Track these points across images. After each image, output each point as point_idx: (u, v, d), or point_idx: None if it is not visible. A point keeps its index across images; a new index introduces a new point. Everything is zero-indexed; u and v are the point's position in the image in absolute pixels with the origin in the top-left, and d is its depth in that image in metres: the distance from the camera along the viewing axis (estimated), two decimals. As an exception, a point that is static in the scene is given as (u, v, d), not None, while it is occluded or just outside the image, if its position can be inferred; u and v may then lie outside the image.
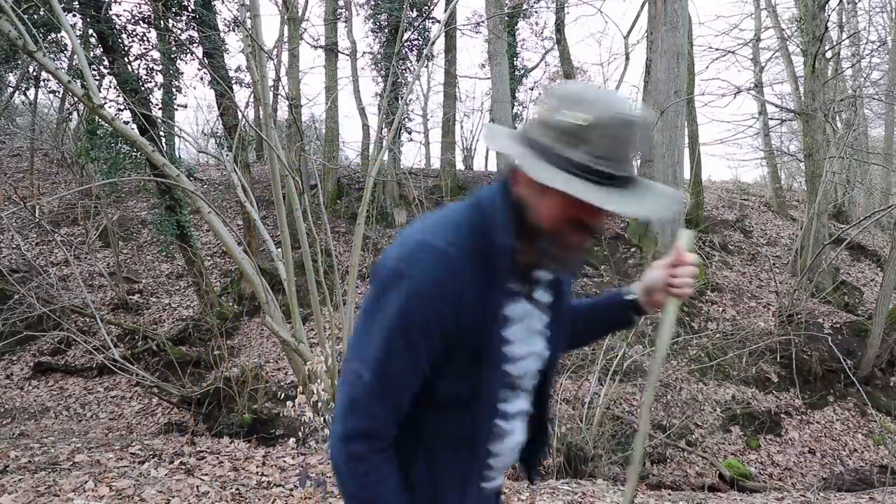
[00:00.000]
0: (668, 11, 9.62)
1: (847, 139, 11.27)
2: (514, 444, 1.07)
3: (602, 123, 0.80)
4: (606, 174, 0.81)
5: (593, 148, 0.81)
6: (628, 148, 0.83)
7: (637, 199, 0.84)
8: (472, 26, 13.51)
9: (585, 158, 0.81)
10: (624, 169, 0.83)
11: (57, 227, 10.40)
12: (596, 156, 0.81)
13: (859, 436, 6.50)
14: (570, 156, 0.82)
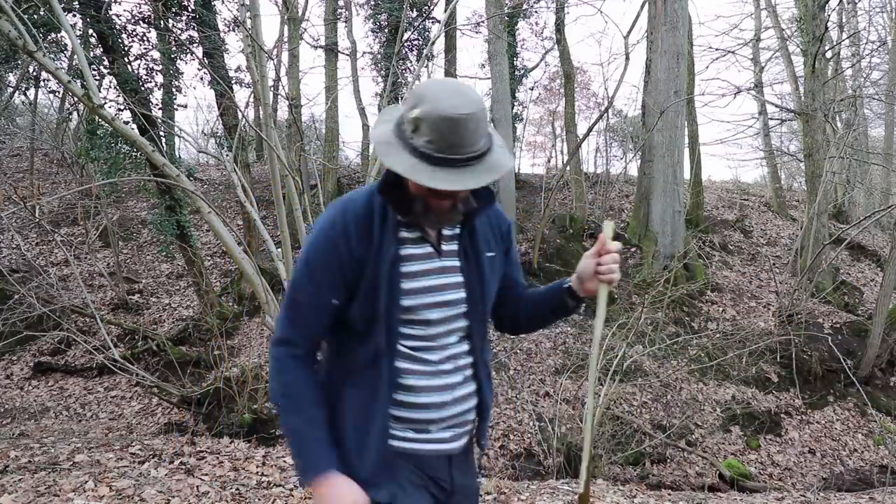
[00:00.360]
0: (668, 11, 9.61)
1: (847, 139, 11.27)
2: (450, 400, 1.23)
3: (429, 119, 1.04)
4: (438, 157, 1.05)
5: (426, 136, 1.05)
6: (455, 137, 1.04)
7: (461, 176, 1.06)
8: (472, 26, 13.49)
9: (422, 144, 1.06)
10: (457, 152, 1.05)
11: (57, 227, 10.40)
12: (428, 142, 1.05)
13: (859, 436, 6.50)
14: (414, 142, 1.07)
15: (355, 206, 1.19)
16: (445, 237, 1.25)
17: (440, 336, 1.23)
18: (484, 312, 1.29)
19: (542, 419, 6.06)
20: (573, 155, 11.18)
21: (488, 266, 1.29)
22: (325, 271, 1.17)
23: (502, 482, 4.08)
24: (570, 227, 11.16)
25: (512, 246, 1.42)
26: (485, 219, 1.33)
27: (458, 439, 1.28)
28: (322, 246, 1.18)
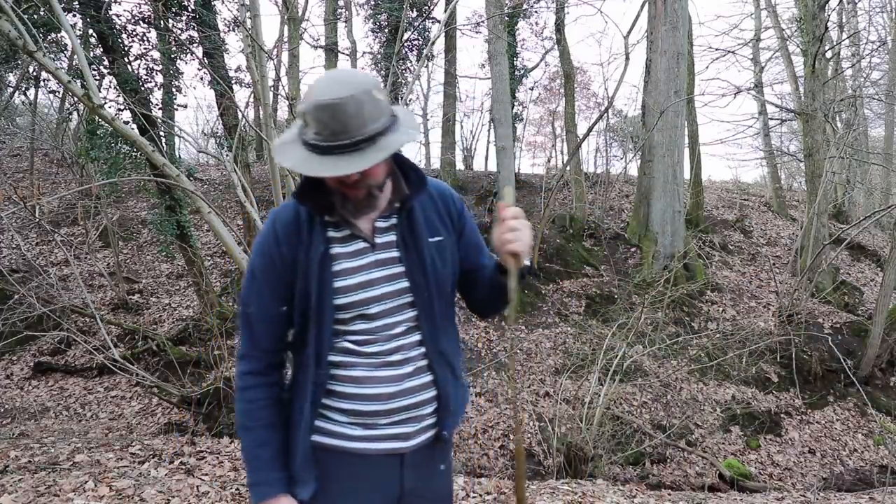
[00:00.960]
0: (668, 11, 9.62)
1: (847, 139, 11.28)
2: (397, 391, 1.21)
3: (309, 110, 1.06)
4: (325, 147, 1.06)
5: (313, 128, 1.07)
6: (337, 124, 1.04)
7: (346, 161, 1.05)
8: (472, 26, 13.50)
9: (311, 137, 1.08)
10: (341, 138, 1.05)
11: (57, 227, 10.40)
12: (316, 134, 1.07)
13: (859, 436, 6.50)
14: (305, 137, 1.09)
15: (284, 212, 1.22)
16: (380, 229, 1.24)
17: (385, 328, 1.21)
18: (432, 301, 1.25)
19: (542, 419, 6.06)
20: (573, 155, 11.18)
21: (434, 252, 1.26)
22: (266, 282, 1.20)
23: (502, 482, 4.08)
24: (570, 227, 11.15)
25: (467, 226, 1.37)
26: (429, 203, 1.30)
27: (411, 437, 1.24)
28: (259, 257, 1.21)
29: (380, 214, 1.24)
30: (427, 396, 1.25)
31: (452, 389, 1.29)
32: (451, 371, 1.30)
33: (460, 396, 1.34)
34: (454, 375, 1.31)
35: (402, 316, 1.23)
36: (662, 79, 9.71)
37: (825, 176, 9.23)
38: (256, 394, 1.22)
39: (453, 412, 1.30)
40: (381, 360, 1.21)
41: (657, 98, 9.71)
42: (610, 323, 6.82)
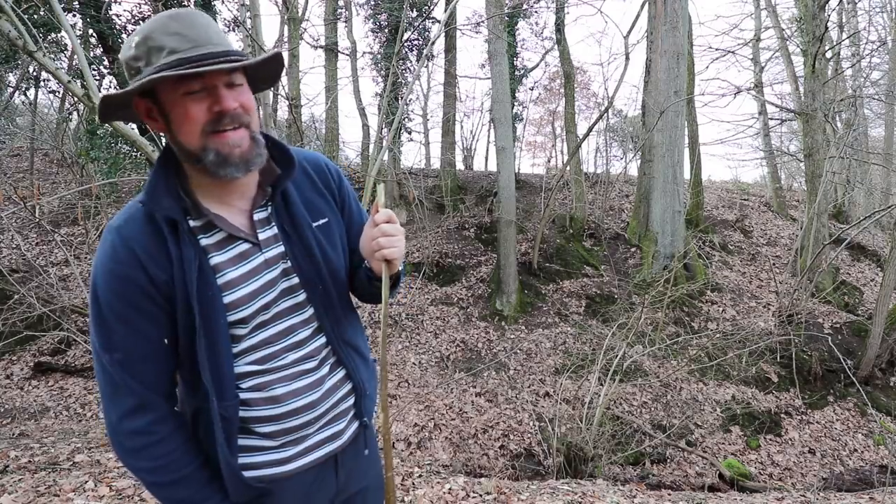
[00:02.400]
0: (668, 11, 9.62)
1: (847, 139, 11.27)
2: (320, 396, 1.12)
3: (155, 28, 0.90)
4: (188, 58, 0.88)
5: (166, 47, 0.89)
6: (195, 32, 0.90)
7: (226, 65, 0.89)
8: (472, 26, 13.52)
9: (162, 59, 0.89)
10: (207, 48, 0.90)
11: (57, 227, 10.40)
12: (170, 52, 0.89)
13: (859, 436, 6.50)
14: (152, 65, 0.89)
15: (134, 227, 0.96)
16: (260, 222, 1.06)
17: (287, 333, 1.08)
18: (329, 293, 1.11)
19: (542, 419, 6.06)
20: (573, 155, 11.18)
21: (320, 236, 1.11)
22: (130, 311, 0.95)
23: (502, 482, 4.08)
24: (570, 227, 11.16)
25: (349, 200, 1.20)
26: (305, 181, 1.13)
27: (342, 434, 1.18)
28: (113, 286, 0.94)
29: (254, 206, 1.05)
30: (346, 390, 1.18)
31: (365, 374, 1.22)
32: (359, 356, 1.21)
33: (372, 376, 1.26)
34: (362, 358, 1.22)
35: (302, 315, 1.10)
36: (662, 79, 9.71)
37: (825, 176, 9.23)
38: (172, 443, 1.00)
39: (370, 396, 1.24)
40: (295, 370, 1.08)
41: (657, 98, 9.71)
42: (610, 323, 6.82)
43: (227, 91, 0.92)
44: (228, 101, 0.92)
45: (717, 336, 7.78)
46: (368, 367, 1.25)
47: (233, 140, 0.93)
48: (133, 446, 0.98)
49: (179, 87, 0.90)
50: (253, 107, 0.96)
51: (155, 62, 0.89)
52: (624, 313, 7.35)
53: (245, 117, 0.94)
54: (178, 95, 0.91)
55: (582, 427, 5.14)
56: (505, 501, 3.54)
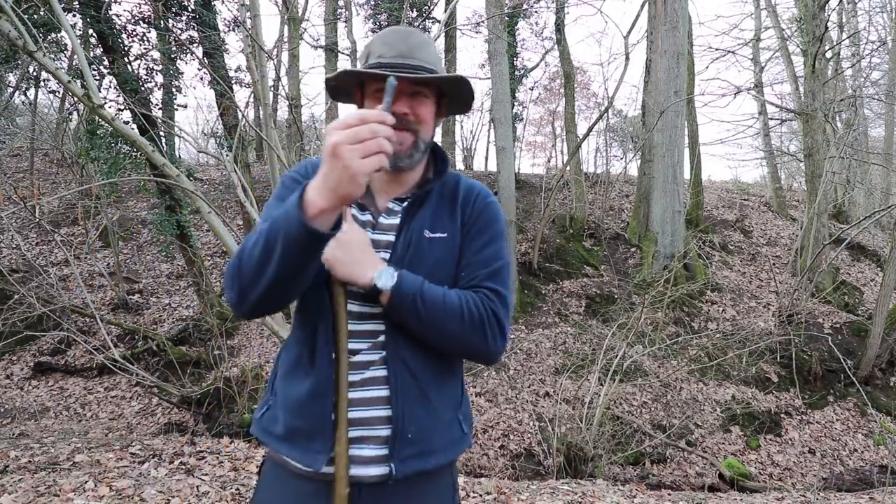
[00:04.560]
0: (668, 11, 9.62)
1: (847, 139, 11.27)
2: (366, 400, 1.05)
3: (377, 37, 1.12)
4: (390, 64, 1.07)
5: (378, 52, 1.10)
6: (405, 46, 1.09)
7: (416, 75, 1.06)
8: (472, 26, 13.52)
9: (374, 62, 1.09)
10: (409, 62, 1.07)
11: (57, 227, 10.40)
12: (380, 56, 1.09)
13: (859, 436, 6.50)
14: (363, 66, 1.11)
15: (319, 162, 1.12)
16: (390, 211, 1.14)
17: (352, 318, 1.07)
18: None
19: (542, 419, 6.06)
20: (573, 155, 11.18)
21: (426, 245, 1.11)
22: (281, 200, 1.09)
23: (502, 482, 4.08)
24: (570, 227, 11.16)
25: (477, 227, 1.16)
26: (449, 196, 1.17)
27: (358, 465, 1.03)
28: (289, 182, 1.15)
29: (396, 196, 1.15)
30: (378, 414, 1.05)
31: (418, 415, 1.07)
32: (419, 390, 1.08)
33: (435, 428, 1.09)
34: (423, 397, 1.08)
35: (374, 308, 1.08)
36: (662, 79, 9.71)
37: (825, 176, 9.23)
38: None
39: (416, 444, 1.06)
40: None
41: (657, 98, 9.71)
42: (610, 323, 6.82)
43: (407, 98, 1.08)
44: (400, 106, 1.07)
45: (717, 336, 7.78)
46: (431, 415, 1.09)
47: (396, 137, 1.00)
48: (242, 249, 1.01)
49: (373, 84, 1.09)
50: (425, 118, 1.10)
51: (368, 61, 1.10)
52: (624, 313, 7.35)
53: (413, 124, 1.09)
54: (372, 91, 1.10)
55: (582, 427, 5.15)
56: (505, 501, 3.54)
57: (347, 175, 0.83)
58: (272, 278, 0.94)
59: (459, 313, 1.07)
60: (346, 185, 0.84)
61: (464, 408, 1.20)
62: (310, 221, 0.87)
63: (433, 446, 1.08)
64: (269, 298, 0.99)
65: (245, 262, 0.96)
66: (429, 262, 1.10)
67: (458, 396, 1.18)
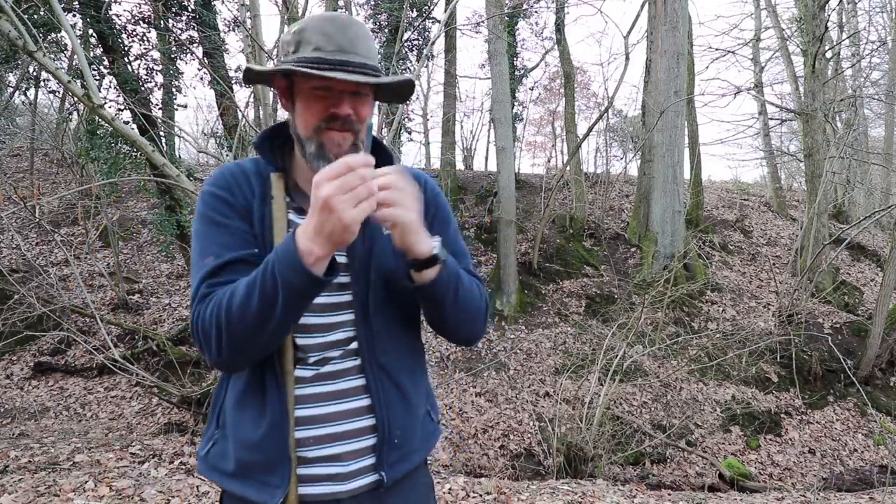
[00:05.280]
0: (668, 11, 9.62)
1: (847, 139, 11.27)
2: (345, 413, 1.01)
3: (311, 25, 0.98)
4: (329, 60, 0.96)
5: (312, 44, 0.97)
6: (345, 40, 0.97)
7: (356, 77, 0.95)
8: (472, 26, 13.52)
9: (308, 54, 0.97)
10: (350, 57, 0.97)
11: (57, 227, 10.40)
12: (316, 49, 0.97)
13: (859, 436, 6.50)
14: (297, 56, 0.98)
15: (239, 168, 1.07)
16: None
17: (323, 330, 1.03)
18: (367, 298, 1.04)
19: (542, 419, 6.06)
20: (573, 155, 11.18)
21: (387, 242, 1.05)
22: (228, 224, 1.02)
23: (502, 482, 4.08)
24: (570, 227, 11.16)
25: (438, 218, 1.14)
26: None
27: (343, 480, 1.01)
28: (211, 201, 1.03)
29: None
30: (362, 425, 1.03)
31: (400, 419, 1.06)
32: (399, 392, 1.06)
33: (415, 428, 1.09)
34: (403, 399, 1.07)
35: (342, 317, 1.04)
36: (662, 79, 9.71)
37: (825, 176, 9.23)
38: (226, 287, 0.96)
39: (402, 449, 1.06)
40: (317, 371, 1.03)
41: (657, 98, 9.71)
42: (610, 323, 6.82)
43: (348, 98, 1.00)
44: (344, 108, 0.99)
45: (717, 336, 7.78)
46: (411, 415, 1.09)
47: (335, 138, 1.00)
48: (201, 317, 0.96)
49: (309, 81, 1.00)
50: (366, 117, 1.03)
51: (301, 52, 0.98)
52: (624, 313, 7.35)
53: (355, 124, 1.01)
54: (307, 88, 1.00)
55: (582, 427, 5.14)
56: (505, 501, 3.54)
57: (342, 226, 0.81)
58: (274, 331, 0.91)
59: (478, 292, 1.10)
60: (341, 235, 0.83)
61: (430, 398, 1.19)
62: (314, 270, 0.86)
63: (415, 445, 1.10)
64: (266, 350, 0.96)
65: (235, 320, 0.89)
66: (388, 257, 1.06)
67: (427, 388, 1.18)
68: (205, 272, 0.97)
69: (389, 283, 1.06)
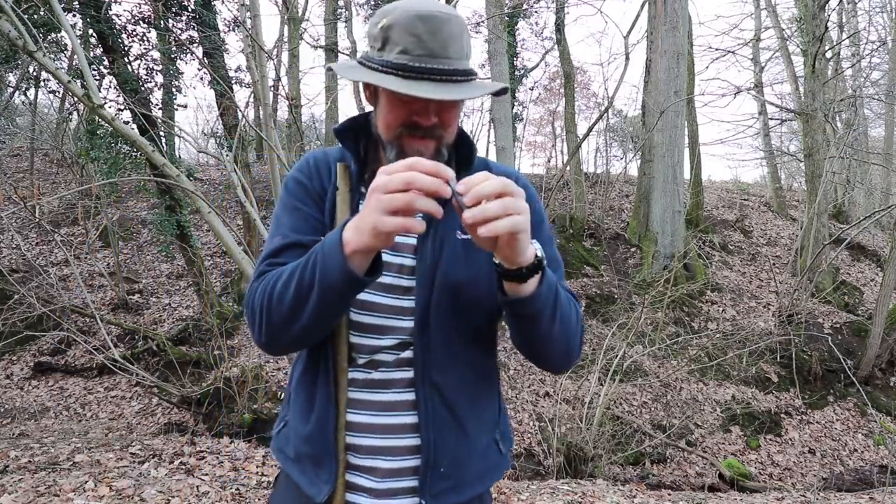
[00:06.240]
0: (668, 11, 9.62)
1: (847, 139, 11.27)
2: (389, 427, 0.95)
3: (401, 21, 0.85)
4: (415, 67, 0.84)
5: (399, 46, 0.85)
6: (436, 43, 0.85)
7: (447, 88, 0.85)
8: (472, 26, 13.51)
9: (394, 57, 0.86)
10: (439, 62, 0.85)
11: (57, 227, 10.40)
12: (402, 52, 0.85)
13: (859, 436, 6.50)
14: (384, 58, 0.87)
15: (320, 155, 1.05)
16: None
17: (376, 332, 0.96)
18: (428, 310, 0.95)
19: (542, 419, 6.06)
20: (573, 155, 11.18)
21: (458, 250, 0.96)
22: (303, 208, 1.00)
23: (502, 482, 4.08)
24: (570, 226, 11.16)
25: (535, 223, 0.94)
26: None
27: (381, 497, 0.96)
28: (293, 185, 1.02)
29: None
30: (406, 444, 0.96)
31: (451, 445, 0.96)
32: (452, 416, 0.96)
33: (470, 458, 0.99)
34: (457, 424, 0.97)
35: (401, 322, 0.96)
36: (662, 79, 9.71)
37: (825, 176, 9.23)
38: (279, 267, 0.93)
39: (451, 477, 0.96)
40: (365, 376, 0.96)
41: (657, 98, 9.71)
42: (610, 323, 6.82)
43: (434, 104, 0.90)
44: (428, 117, 0.90)
45: (717, 336, 7.78)
46: (466, 444, 0.98)
47: (416, 147, 0.92)
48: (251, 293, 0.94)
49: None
50: (452, 123, 0.94)
51: (386, 55, 0.87)
52: (624, 313, 7.35)
53: (439, 131, 0.92)
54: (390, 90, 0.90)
55: (582, 427, 5.14)
56: (505, 501, 3.54)
57: (370, 225, 0.75)
58: (305, 326, 0.86)
59: (575, 310, 0.96)
60: (372, 235, 0.76)
61: (501, 426, 1.08)
62: (349, 264, 0.79)
63: (468, 477, 0.99)
64: (302, 342, 0.92)
65: (275, 305, 0.86)
66: (465, 269, 0.96)
67: (495, 416, 1.06)
68: (269, 251, 0.95)
69: (459, 294, 0.95)
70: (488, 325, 1.01)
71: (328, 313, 0.86)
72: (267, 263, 0.94)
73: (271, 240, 0.98)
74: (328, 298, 0.83)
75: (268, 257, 0.95)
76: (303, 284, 0.83)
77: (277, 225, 1.00)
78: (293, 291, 0.84)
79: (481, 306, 0.97)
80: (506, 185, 0.74)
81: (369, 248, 0.78)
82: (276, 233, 0.98)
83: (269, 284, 0.88)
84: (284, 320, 0.86)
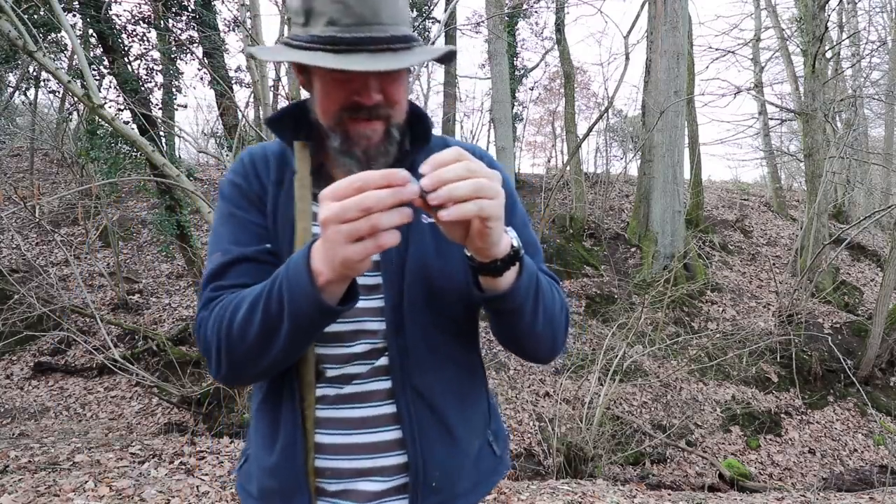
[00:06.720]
0: (668, 11, 9.62)
1: (847, 139, 11.27)
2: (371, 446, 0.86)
3: None
4: (345, 38, 0.75)
5: (326, 16, 0.75)
6: (365, 7, 0.75)
7: (384, 58, 0.75)
8: (472, 26, 13.51)
9: (318, 30, 0.76)
10: (372, 29, 0.76)
11: (57, 227, 10.40)
12: (330, 23, 0.75)
13: (859, 436, 6.50)
14: (309, 32, 0.77)
15: (262, 150, 0.93)
16: None
17: (347, 339, 0.87)
18: (402, 306, 0.86)
19: (542, 419, 6.06)
20: (573, 155, 11.18)
21: (428, 238, 0.87)
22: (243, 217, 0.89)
23: (502, 482, 4.08)
24: (570, 227, 11.16)
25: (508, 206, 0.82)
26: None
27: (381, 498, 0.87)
28: (229, 191, 0.90)
29: None
30: (393, 463, 0.87)
31: (440, 457, 0.87)
32: (440, 424, 0.88)
33: (461, 470, 0.90)
34: (445, 433, 0.88)
35: (372, 325, 0.86)
36: (662, 79, 9.71)
37: (825, 176, 9.23)
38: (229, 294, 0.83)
39: (444, 492, 0.88)
40: (338, 391, 0.86)
41: (657, 98, 9.71)
42: (610, 323, 6.82)
43: (375, 80, 0.80)
44: (370, 95, 0.80)
45: (717, 336, 7.78)
46: (457, 452, 0.90)
47: (363, 131, 0.82)
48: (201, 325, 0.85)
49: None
50: (399, 98, 0.83)
51: (311, 29, 0.77)
52: (624, 313, 7.35)
53: (385, 110, 0.82)
54: (323, 70, 0.80)
55: (582, 427, 5.14)
56: (505, 501, 3.54)
57: (340, 257, 0.65)
58: (276, 358, 0.78)
59: (559, 296, 0.88)
60: (344, 268, 0.66)
61: (493, 424, 1.00)
62: (322, 296, 0.70)
63: (460, 489, 0.90)
64: (268, 374, 0.83)
65: (235, 340, 0.77)
66: (436, 256, 0.87)
67: (485, 416, 0.98)
68: (210, 271, 0.85)
69: (432, 285, 0.86)
70: (467, 315, 0.92)
71: (299, 344, 0.78)
72: (212, 288, 0.84)
73: (211, 257, 0.87)
74: (300, 331, 0.74)
75: (211, 279, 0.84)
76: (269, 318, 0.74)
77: (217, 240, 0.88)
78: (258, 326, 0.75)
79: (458, 295, 0.87)
80: (479, 167, 0.65)
81: (346, 278, 0.70)
82: (216, 248, 0.87)
83: (225, 316, 0.78)
84: (250, 355, 0.77)
